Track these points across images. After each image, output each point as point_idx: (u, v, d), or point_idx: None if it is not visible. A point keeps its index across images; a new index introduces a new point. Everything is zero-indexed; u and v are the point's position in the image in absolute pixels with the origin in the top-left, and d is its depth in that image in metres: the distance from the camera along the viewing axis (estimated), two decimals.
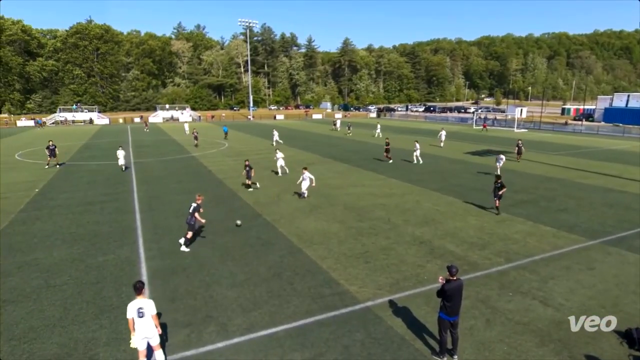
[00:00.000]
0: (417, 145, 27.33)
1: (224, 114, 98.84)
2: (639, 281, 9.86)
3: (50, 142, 27.02)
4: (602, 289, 9.48)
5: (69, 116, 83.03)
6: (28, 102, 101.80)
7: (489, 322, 8.07)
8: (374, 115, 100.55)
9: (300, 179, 17.75)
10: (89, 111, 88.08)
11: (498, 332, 7.73)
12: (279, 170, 23.47)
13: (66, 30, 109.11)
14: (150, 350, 6.50)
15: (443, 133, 37.20)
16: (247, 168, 19.59)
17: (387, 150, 27.99)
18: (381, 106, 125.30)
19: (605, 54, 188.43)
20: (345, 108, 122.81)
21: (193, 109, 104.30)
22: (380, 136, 44.21)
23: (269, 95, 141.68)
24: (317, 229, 13.74)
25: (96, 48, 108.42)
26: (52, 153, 26.47)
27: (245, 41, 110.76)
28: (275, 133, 39.89)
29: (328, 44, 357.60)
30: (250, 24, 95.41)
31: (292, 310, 8.55)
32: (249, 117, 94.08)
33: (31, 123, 74.99)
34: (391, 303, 8.84)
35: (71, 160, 30.21)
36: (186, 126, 53.45)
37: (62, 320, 8.19)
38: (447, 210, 15.99)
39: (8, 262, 11.11)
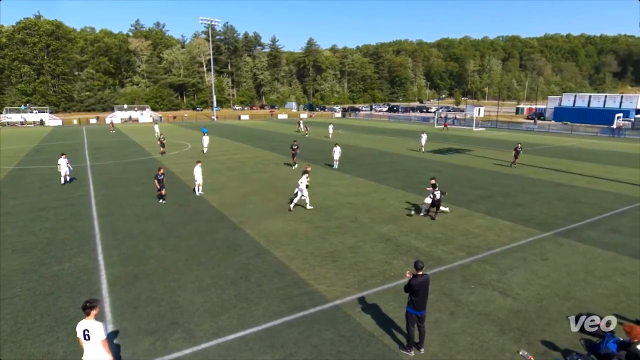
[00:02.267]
0: (337, 149, 25.95)
1: (186, 115, 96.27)
2: (587, 269, 10.56)
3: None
4: (556, 278, 10.07)
5: (17, 117, 77.85)
6: None
7: (453, 315, 8.36)
8: (339, 115, 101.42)
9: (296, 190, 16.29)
10: (39, 112, 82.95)
11: (461, 324, 8.02)
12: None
13: (12, 26, 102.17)
14: None
15: (424, 136, 33.94)
16: (160, 176, 17.32)
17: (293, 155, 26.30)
18: (346, 106, 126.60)
19: (554, 56, 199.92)
20: (311, 108, 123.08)
21: (153, 109, 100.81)
22: (331, 137, 43.65)
23: (233, 95, 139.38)
24: (284, 230, 13.68)
25: (47, 45, 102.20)
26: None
27: (208, 40, 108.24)
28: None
29: (292, 44, 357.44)
30: (212, 23, 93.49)
31: (261, 312, 8.47)
32: (212, 117, 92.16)
33: None
34: (360, 300, 8.95)
35: (20, 164, 28.37)
36: (156, 127, 51.51)
37: (13, 335, 7.68)
38: (411, 207, 16.39)
39: None
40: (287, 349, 7.26)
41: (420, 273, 7.01)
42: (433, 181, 14.95)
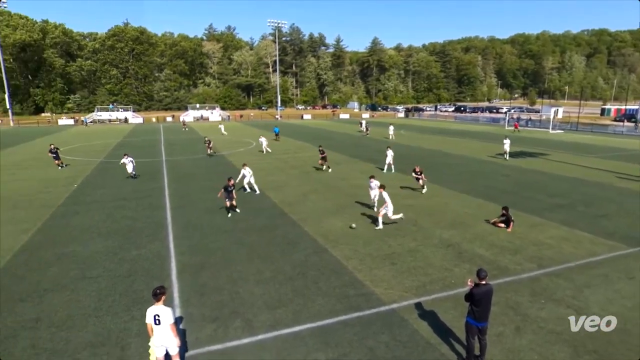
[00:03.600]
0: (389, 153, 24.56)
1: (252, 114, 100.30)
2: None
3: (52, 146, 27.47)
4: None
5: (106, 115, 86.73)
6: (68, 101, 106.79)
7: (519, 330, 7.81)
8: (401, 115, 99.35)
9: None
10: (124, 110, 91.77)
11: (529, 341, 7.47)
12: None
13: (105, 33, 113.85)
14: (168, 358, 6.31)
15: (507, 142, 29.34)
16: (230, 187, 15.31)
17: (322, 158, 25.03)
18: (409, 106, 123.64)
19: None
20: (373, 108, 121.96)
21: (222, 108, 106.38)
22: (391, 138, 42.75)
23: (296, 94, 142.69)
24: (342, 229, 13.71)
25: (132, 49, 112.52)
26: (56, 156, 26.77)
27: (274, 41, 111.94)
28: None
29: (356, 43, 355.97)
30: (279, 25, 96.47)
31: (317, 309, 8.57)
32: (277, 116, 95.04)
33: (71, 122, 78.83)
34: (417, 306, 8.71)
35: (107, 157, 31.47)
36: (222, 127, 54.32)
37: (97, 311, 8.55)
38: (476, 212, 15.58)
39: (49, 253, 11.71)
40: (341, 348, 7.27)
41: (484, 282, 6.64)
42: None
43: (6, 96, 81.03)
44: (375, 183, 15.60)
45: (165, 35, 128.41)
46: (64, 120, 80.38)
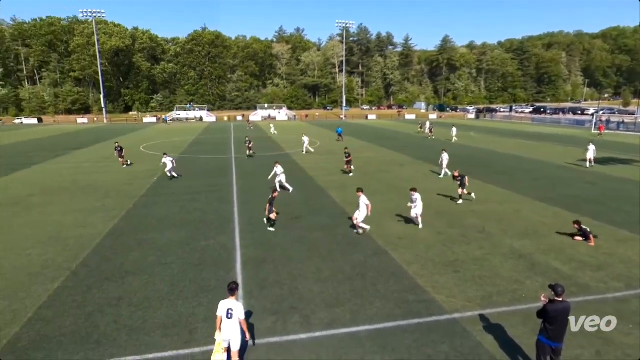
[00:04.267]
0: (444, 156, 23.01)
1: (317, 114, 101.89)
2: None
3: (117, 144, 28.64)
4: None
5: (183, 114, 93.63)
6: (152, 101, 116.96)
7: (599, 355, 7.05)
8: (472, 116, 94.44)
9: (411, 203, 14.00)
10: (199, 109, 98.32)
11: None
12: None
13: (185, 38, 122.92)
14: (230, 352, 6.51)
15: (591, 148, 26.01)
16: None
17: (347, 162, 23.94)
18: (481, 107, 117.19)
19: None
20: (441, 108, 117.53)
21: (289, 108, 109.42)
22: (454, 141, 40.75)
23: (361, 95, 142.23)
24: (404, 232, 13.41)
25: (208, 52, 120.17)
26: (120, 154, 27.52)
27: (342, 42, 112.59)
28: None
29: (426, 42, 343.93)
30: (347, 25, 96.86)
31: (375, 311, 8.48)
32: (341, 116, 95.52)
33: (154, 120, 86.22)
34: (482, 318, 8.24)
35: (183, 153, 33.88)
36: (272, 127, 55.85)
37: (170, 295, 9.25)
38: (553, 222, 14.33)
39: (131, 239, 12.92)
40: (398, 353, 7.12)
41: (560, 299, 6.09)
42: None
43: (101, 97, 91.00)
44: (416, 196, 13.65)
45: (238, 38, 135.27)
46: (148, 118, 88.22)
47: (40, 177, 23.90)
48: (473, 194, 17.57)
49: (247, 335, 6.50)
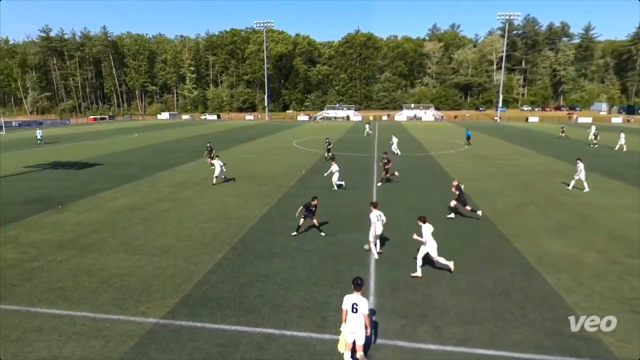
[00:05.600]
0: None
1: (467, 114, 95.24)
2: None
3: (208, 144, 28.70)
4: None
5: (332, 113, 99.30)
6: (306, 101, 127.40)
7: None
8: None
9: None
10: (347, 109, 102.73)
11: None
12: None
13: (339, 41, 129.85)
14: (355, 346, 6.57)
15: None
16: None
17: (385, 170, 21.30)
18: None
19: None
20: (631, 110, 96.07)
21: (437, 108, 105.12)
22: (624, 149, 32.74)
23: (522, 94, 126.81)
24: (564, 254, 11.50)
25: (359, 54, 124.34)
26: (210, 154, 27.13)
27: (503, 36, 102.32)
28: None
29: (614, 30, 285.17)
30: (511, 17, 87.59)
31: (519, 338, 7.53)
32: (495, 118, 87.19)
33: (306, 118, 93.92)
34: None
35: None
36: (367, 127, 55.06)
37: (308, 280, 9.98)
38: None
39: (280, 224, 14.38)
40: None
41: None
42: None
43: (265, 97, 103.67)
44: (428, 228, 10.24)
45: (389, 38, 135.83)
46: (301, 116, 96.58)
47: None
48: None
49: (368, 331, 6.54)
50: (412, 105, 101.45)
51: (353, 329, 6.49)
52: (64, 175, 24.16)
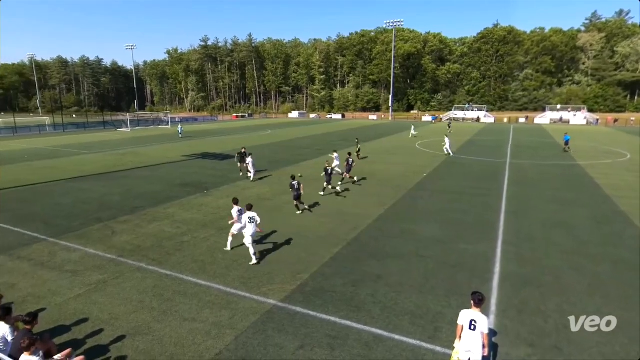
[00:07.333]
0: None
1: (632, 118, 79.21)
2: None
3: (243, 149, 24.40)
4: None
5: (460, 114, 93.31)
6: (432, 100, 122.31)
7: None
8: None
9: None
10: (478, 110, 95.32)
11: None
12: None
13: (473, 37, 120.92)
14: None
15: None
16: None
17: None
18: None
19: None
20: None
21: (590, 110, 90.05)
22: None
23: None
24: None
25: (496, 51, 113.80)
26: (242, 159, 23.46)
27: None
28: None
29: None
30: None
31: None
32: None
33: (430, 118, 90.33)
34: None
35: (456, 153, 33.90)
36: (413, 128, 51.86)
37: (422, 287, 9.60)
38: None
39: (395, 226, 14.14)
40: None
41: None
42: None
43: (390, 96, 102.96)
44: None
45: (534, 31, 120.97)
46: (426, 117, 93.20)
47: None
48: None
49: (486, 351, 6.01)
50: (559, 107, 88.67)
51: (469, 347, 6.03)
52: (210, 165, 27.99)
